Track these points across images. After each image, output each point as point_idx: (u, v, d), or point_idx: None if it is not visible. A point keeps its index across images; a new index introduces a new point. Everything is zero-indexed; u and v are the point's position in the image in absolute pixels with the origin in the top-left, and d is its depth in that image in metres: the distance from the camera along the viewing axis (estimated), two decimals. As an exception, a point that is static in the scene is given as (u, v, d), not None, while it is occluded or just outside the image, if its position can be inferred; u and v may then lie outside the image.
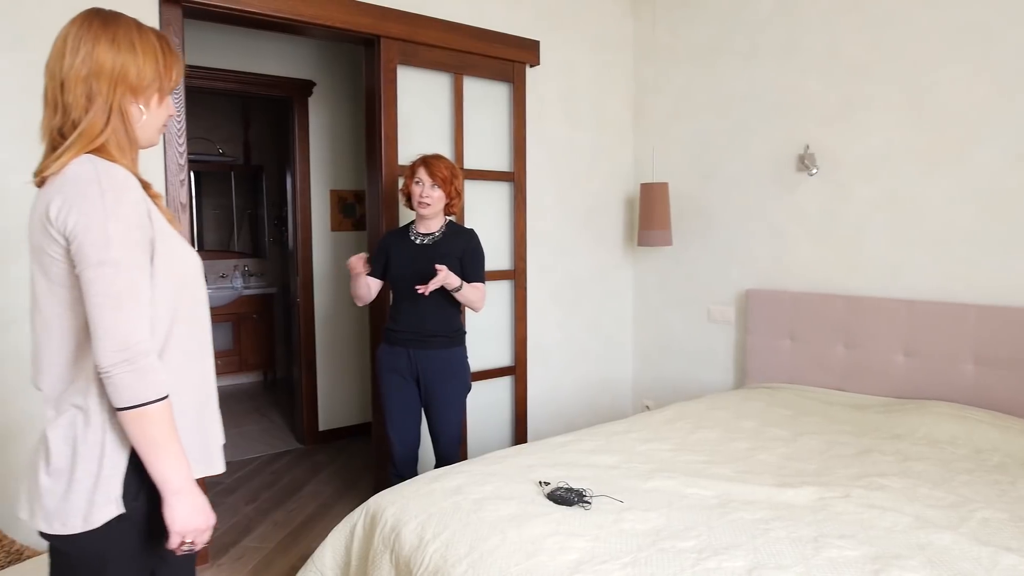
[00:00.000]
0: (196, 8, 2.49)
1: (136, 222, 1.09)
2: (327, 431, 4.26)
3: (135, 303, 1.07)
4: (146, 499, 1.15)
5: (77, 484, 1.09)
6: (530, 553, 1.54)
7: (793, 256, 3.16)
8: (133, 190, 1.11)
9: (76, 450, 1.09)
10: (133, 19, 1.19)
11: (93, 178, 1.07)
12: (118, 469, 1.11)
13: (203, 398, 1.25)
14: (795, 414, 2.66)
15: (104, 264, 1.04)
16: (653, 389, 3.88)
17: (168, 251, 1.17)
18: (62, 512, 1.09)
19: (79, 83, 1.11)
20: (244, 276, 5.85)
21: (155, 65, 1.18)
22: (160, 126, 1.25)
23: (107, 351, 1.04)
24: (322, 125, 4.19)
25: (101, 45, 1.13)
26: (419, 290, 2.31)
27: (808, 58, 3.05)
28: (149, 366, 1.07)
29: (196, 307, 1.24)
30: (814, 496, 1.85)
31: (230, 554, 2.76)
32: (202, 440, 1.25)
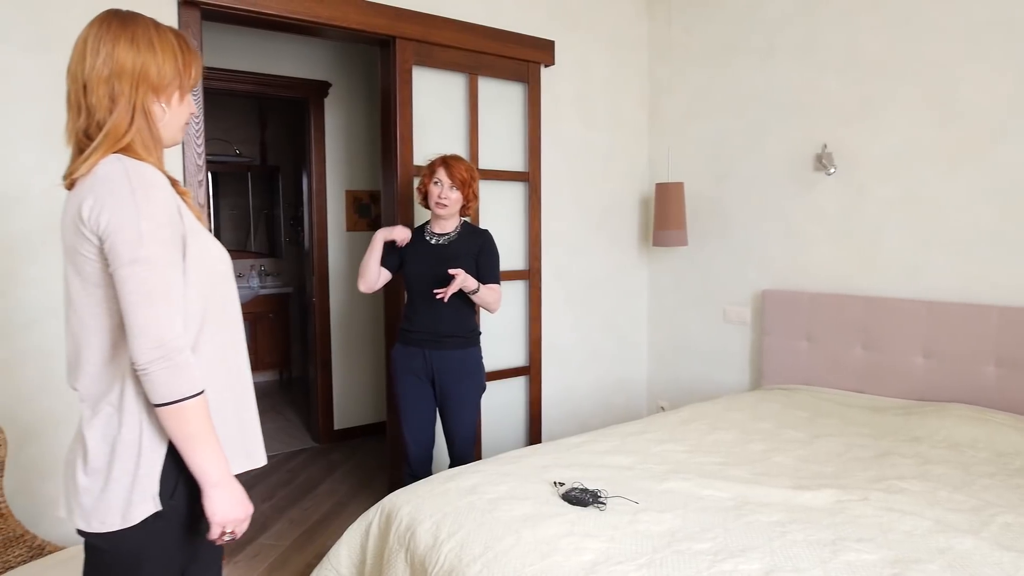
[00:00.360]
0: (214, 10, 2.51)
1: (167, 219, 1.10)
2: (342, 430, 4.29)
3: (168, 300, 1.08)
4: (182, 496, 1.16)
5: (115, 483, 1.10)
6: (545, 553, 1.54)
7: (810, 256, 3.13)
8: (162, 187, 1.12)
9: (114, 449, 1.11)
10: (150, 18, 1.20)
11: (123, 177, 1.08)
12: (155, 467, 1.12)
13: (240, 392, 1.26)
14: (812, 416, 2.64)
15: (137, 262, 1.05)
16: (668, 390, 3.86)
17: (199, 247, 1.18)
18: (100, 510, 1.10)
19: (101, 84, 1.12)
20: (260, 276, 5.90)
21: (174, 63, 1.19)
22: (182, 124, 1.26)
23: (143, 348, 1.05)
24: (338, 126, 4.22)
25: (121, 45, 1.14)
26: (438, 295, 2.31)
27: (826, 56, 3.02)
28: (184, 362, 1.08)
29: (227, 303, 1.25)
30: (832, 499, 1.83)
31: (247, 551, 2.79)
32: (241, 434, 1.26)
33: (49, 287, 2.25)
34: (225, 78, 3.82)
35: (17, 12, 2.18)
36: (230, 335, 1.25)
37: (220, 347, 1.22)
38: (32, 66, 2.21)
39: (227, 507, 1.14)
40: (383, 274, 2.50)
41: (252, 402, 1.31)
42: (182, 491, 1.15)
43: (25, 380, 2.23)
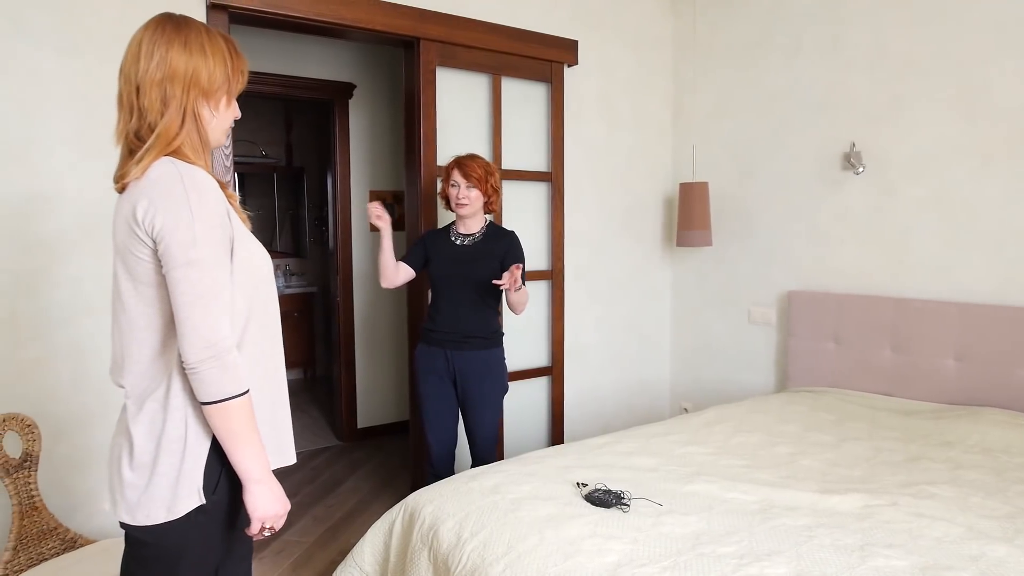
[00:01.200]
0: (242, 13, 2.55)
1: (218, 222, 1.13)
2: (365, 428, 4.32)
3: (219, 301, 1.11)
4: (224, 491, 1.19)
5: (160, 477, 1.12)
6: (568, 554, 1.54)
7: (838, 257, 3.08)
8: (214, 191, 1.15)
9: (159, 444, 1.13)
10: (203, 24, 1.23)
11: (177, 179, 1.10)
12: (199, 462, 1.15)
13: (275, 391, 1.29)
14: (839, 419, 2.60)
15: (191, 264, 1.08)
16: (691, 391, 3.83)
17: (245, 250, 1.20)
18: (145, 504, 1.13)
19: (154, 87, 1.14)
20: (286, 275, 5.97)
21: (224, 68, 1.21)
22: (226, 128, 1.28)
23: (194, 348, 1.08)
24: (362, 127, 4.25)
25: (174, 49, 1.16)
26: (502, 285, 2.24)
27: (854, 54, 2.97)
28: (233, 362, 1.11)
29: (269, 304, 1.27)
30: (860, 503, 1.80)
31: (271, 547, 2.82)
32: (276, 432, 1.28)
33: (82, 286, 2.30)
34: (252, 80, 3.82)
35: (50, 17, 2.23)
36: (270, 335, 1.27)
37: (260, 346, 1.24)
38: (65, 69, 2.26)
39: (268, 503, 1.17)
40: (403, 269, 2.50)
41: (286, 400, 1.33)
42: (224, 486, 1.18)
43: (59, 377, 2.29)
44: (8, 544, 1.92)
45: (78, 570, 1.88)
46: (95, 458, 2.34)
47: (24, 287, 2.23)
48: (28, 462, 2.00)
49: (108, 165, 2.28)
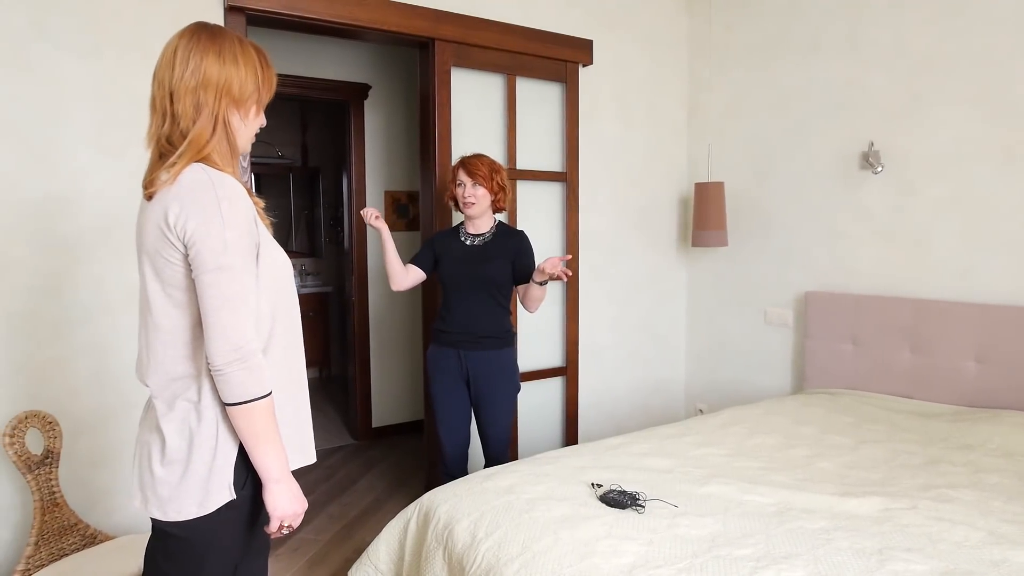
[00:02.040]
0: (259, 15, 2.57)
1: (247, 229, 1.16)
2: (380, 427, 4.34)
3: (246, 305, 1.14)
4: (250, 488, 1.22)
5: (192, 473, 1.15)
6: (583, 555, 1.54)
7: (856, 257, 3.05)
8: (244, 198, 1.18)
9: (192, 442, 1.16)
10: (236, 34, 1.26)
11: (209, 186, 1.13)
12: (230, 459, 1.18)
13: (297, 392, 1.31)
14: (857, 421, 2.57)
15: (221, 269, 1.11)
16: (707, 392, 3.81)
17: (270, 256, 1.24)
18: (176, 500, 1.15)
19: (188, 94, 1.17)
20: (301, 275, 6.01)
21: (255, 78, 1.25)
22: (252, 136, 1.31)
23: (222, 351, 1.11)
24: (377, 127, 4.27)
25: (209, 58, 1.19)
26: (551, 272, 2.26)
27: (873, 52, 2.94)
28: (258, 365, 1.14)
29: (291, 308, 1.30)
30: (879, 506, 1.78)
31: (288, 545, 2.84)
32: (298, 432, 1.31)
33: (102, 286, 2.33)
34: (268, 81, 3.89)
35: (72, 20, 2.26)
36: (293, 337, 1.30)
37: (285, 349, 1.28)
38: (86, 71, 2.29)
39: (287, 502, 1.20)
40: (412, 271, 2.51)
41: (307, 401, 1.35)
42: (251, 482, 1.22)
43: (79, 375, 2.32)
44: (30, 539, 1.95)
45: (98, 566, 1.90)
46: (114, 455, 2.37)
47: (46, 286, 2.27)
48: (49, 459, 2.03)
49: (128, 166, 2.32)
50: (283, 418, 1.24)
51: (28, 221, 2.23)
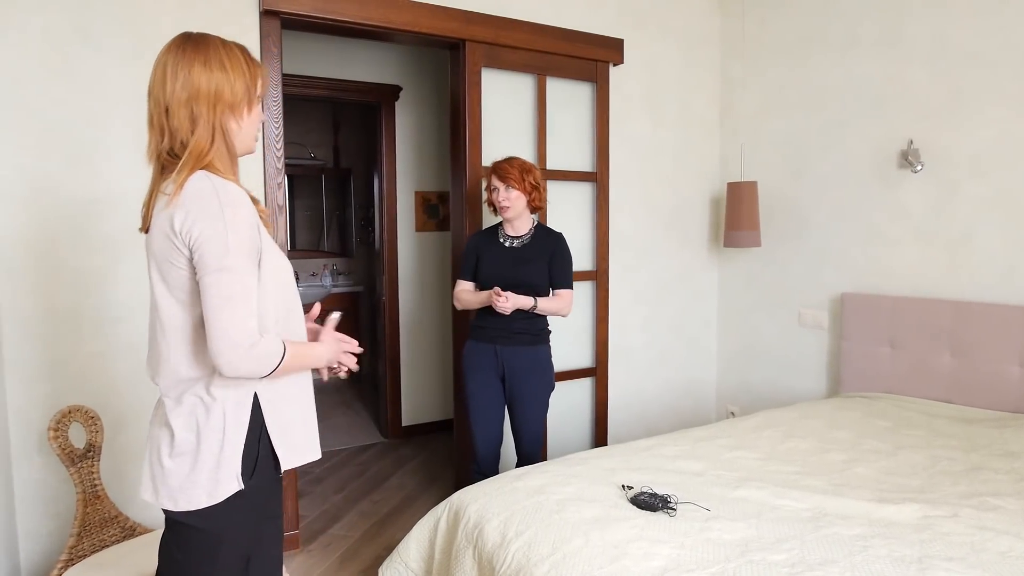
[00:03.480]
0: (293, 19, 2.61)
1: (248, 233, 1.20)
2: (410, 426, 4.37)
3: (246, 304, 1.18)
4: (259, 477, 1.25)
5: (201, 464, 1.20)
6: (614, 557, 1.53)
7: (894, 258, 2.98)
8: (246, 205, 1.22)
9: (200, 434, 1.21)
10: (219, 38, 1.28)
11: (212, 194, 1.17)
12: (237, 449, 1.22)
13: (303, 388, 1.37)
14: (895, 426, 2.51)
15: (223, 270, 1.16)
16: (738, 395, 3.76)
17: (271, 260, 1.28)
18: (187, 490, 1.20)
19: (182, 107, 1.21)
20: (333, 275, 6.08)
21: (244, 79, 1.27)
22: (255, 133, 1.35)
23: (222, 350, 1.15)
24: (408, 128, 4.30)
25: (196, 69, 1.22)
26: (497, 304, 2.33)
27: (912, 47, 2.87)
28: (262, 347, 1.19)
29: (292, 308, 1.35)
30: (918, 514, 1.74)
31: (319, 541, 2.88)
32: (305, 428, 1.36)
33: (139, 285, 2.38)
34: (302, 84, 3.95)
35: (112, 25, 2.33)
36: (295, 328, 1.36)
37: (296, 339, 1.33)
38: (125, 75, 2.35)
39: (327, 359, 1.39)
40: (469, 289, 2.58)
41: (311, 400, 1.41)
42: (260, 471, 1.25)
43: (118, 371, 2.38)
44: (73, 530, 2.01)
45: (137, 557, 1.95)
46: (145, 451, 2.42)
47: (88, 285, 2.33)
48: (91, 452, 2.08)
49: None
50: (291, 414, 1.31)
51: (71, 221, 2.30)
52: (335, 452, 4.08)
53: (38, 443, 2.29)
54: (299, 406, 1.34)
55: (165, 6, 2.42)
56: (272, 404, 1.28)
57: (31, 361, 2.28)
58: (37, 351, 2.29)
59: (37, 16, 2.24)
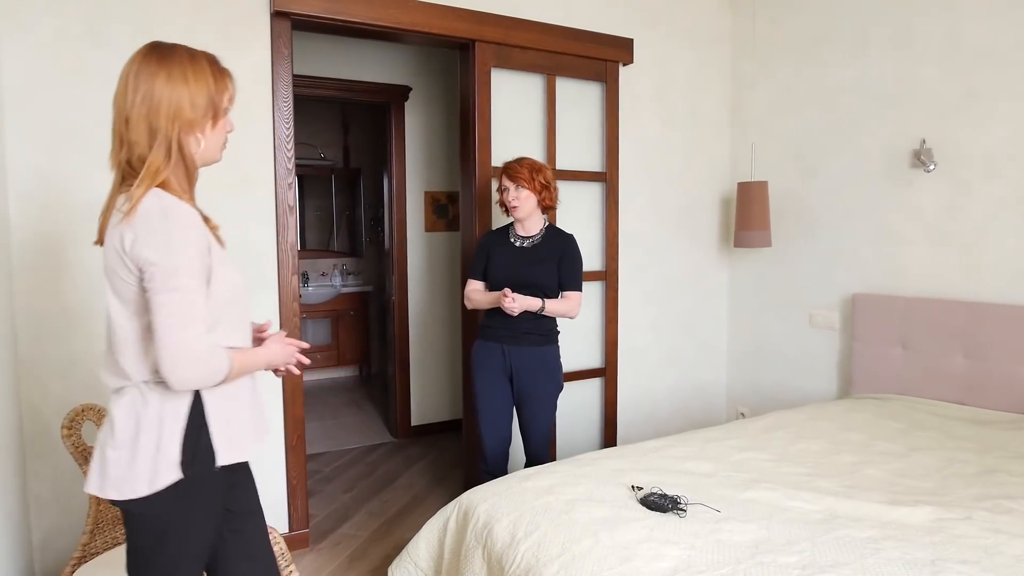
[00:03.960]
0: (303, 20, 2.62)
1: (197, 255, 1.23)
2: (419, 426, 4.38)
3: (195, 321, 1.21)
4: (200, 466, 1.28)
5: (141, 453, 1.24)
6: (624, 558, 1.52)
7: (906, 259, 2.95)
8: (195, 227, 1.24)
9: (139, 424, 1.25)
10: (186, 49, 1.29)
11: (160, 216, 1.19)
12: (175, 439, 1.25)
13: (245, 386, 1.41)
14: (907, 427, 2.49)
15: (172, 291, 1.19)
16: (749, 396, 3.74)
17: (222, 277, 1.31)
18: (128, 479, 1.23)
19: (141, 120, 1.22)
20: (342, 274, 6.11)
21: (207, 92, 1.28)
22: (220, 144, 1.36)
23: (168, 367, 1.19)
24: (417, 128, 4.31)
25: (158, 82, 1.23)
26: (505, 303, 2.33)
27: (925, 45, 2.85)
28: (212, 357, 1.23)
29: (242, 313, 1.40)
30: (931, 516, 1.73)
31: (329, 540, 2.89)
32: (255, 417, 1.42)
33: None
34: (312, 85, 3.97)
35: (126, 27, 2.35)
36: (242, 338, 1.40)
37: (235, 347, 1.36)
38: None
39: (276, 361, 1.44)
40: (479, 288, 2.58)
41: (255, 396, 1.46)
42: (199, 461, 1.28)
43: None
44: (86, 527, 2.02)
45: (149, 555, 1.96)
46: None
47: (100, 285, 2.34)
48: (104, 451, 2.10)
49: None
50: (241, 404, 1.38)
51: (86, 223, 2.31)
52: (345, 451, 4.09)
53: (52, 441, 2.32)
54: (239, 403, 1.38)
55: (178, 8, 2.44)
56: (212, 396, 1.30)
57: (45, 360, 2.30)
58: (51, 350, 2.31)
59: (52, 18, 2.26)
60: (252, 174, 2.61)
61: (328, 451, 4.10)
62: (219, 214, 2.59)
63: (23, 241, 2.25)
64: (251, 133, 2.59)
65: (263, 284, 2.66)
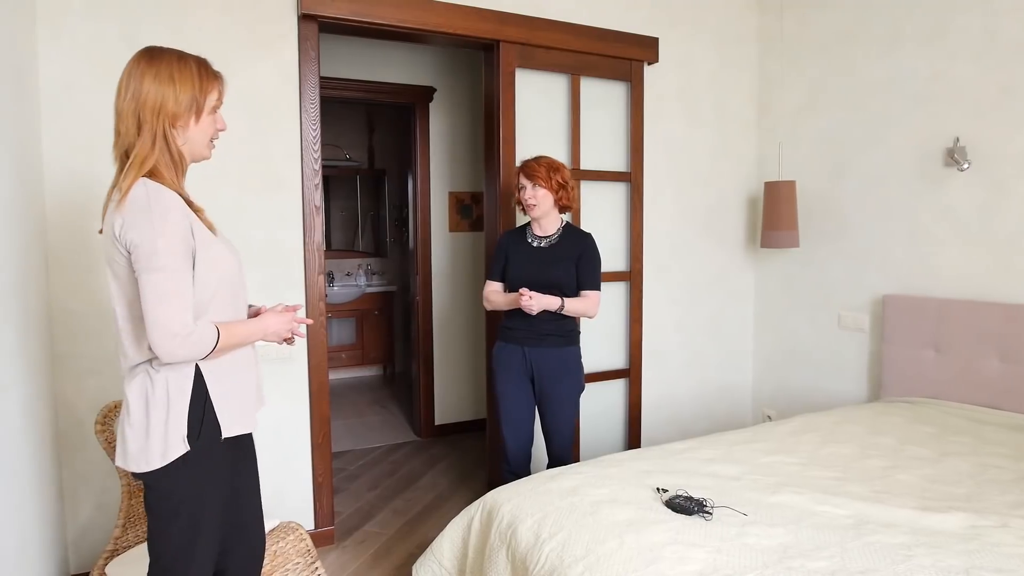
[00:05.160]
0: (330, 23, 2.65)
1: (179, 236, 1.34)
2: (443, 425, 4.40)
3: (179, 299, 1.32)
4: (206, 440, 1.40)
5: (152, 430, 1.36)
6: (649, 560, 1.51)
7: (939, 260, 2.89)
8: (177, 209, 1.35)
9: (148, 404, 1.37)
10: (176, 52, 1.42)
11: (145, 203, 1.32)
12: (182, 416, 1.38)
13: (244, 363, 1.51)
14: (940, 432, 2.44)
15: (154, 270, 1.30)
16: (775, 398, 3.69)
17: (208, 253, 1.41)
18: (145, 453, 1.36)
19: (130, 115, 1.37)
20: (367, 274, 6.16)
21: (191, 91, 1.41)
22: (207, 142, 1.48)
23: (156, 340, 1.30)
24: (441, 129, 4.33)
25: (146, 81, 1.37)
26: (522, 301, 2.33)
27: (960, 41, 2.79)
28: (195, 335, 1.33)
29: (236, 290, 1.51)
30: (965, 523, 1.69)
31: (354, 537, 2.92)
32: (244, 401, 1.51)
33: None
34: (338, 87, 4.01)
35: (158, 31, 2.39)
36: (236, 314, 1.51)
37: None
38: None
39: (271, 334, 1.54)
40: (497, 289, 2.59)
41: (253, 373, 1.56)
42: (205, 435, 1.41)
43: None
44: (118, 521, 2.06)
45: (179, 550, 1.99)
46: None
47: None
48: (136, 447, 2.14)
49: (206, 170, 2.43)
50: (243, 380, 1.50)
51: (118, 222, 2.37)
52: (369, 450, 4.12)
53: (85, 436, 2.37)
54: (240, 380, 1.49)
55: (207, 12, 2.48)
56: (214, 375, 1.42)
57: (80, 356, 2.36)
58: (86, 346, 2.36)
59: (88, 24, 2.32)
60: (280, 175, 2.64)
61: (352, 449, 4.13)
62: (248, 215, 2.64)
63: (59, 240, 2.31)
64: (279, 135, 2.62)
65: (291, 284, 2.69)
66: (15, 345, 1.90)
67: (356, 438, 4.35)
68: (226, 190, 2.55)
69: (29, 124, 2.15)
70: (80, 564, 2.41)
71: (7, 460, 1.77)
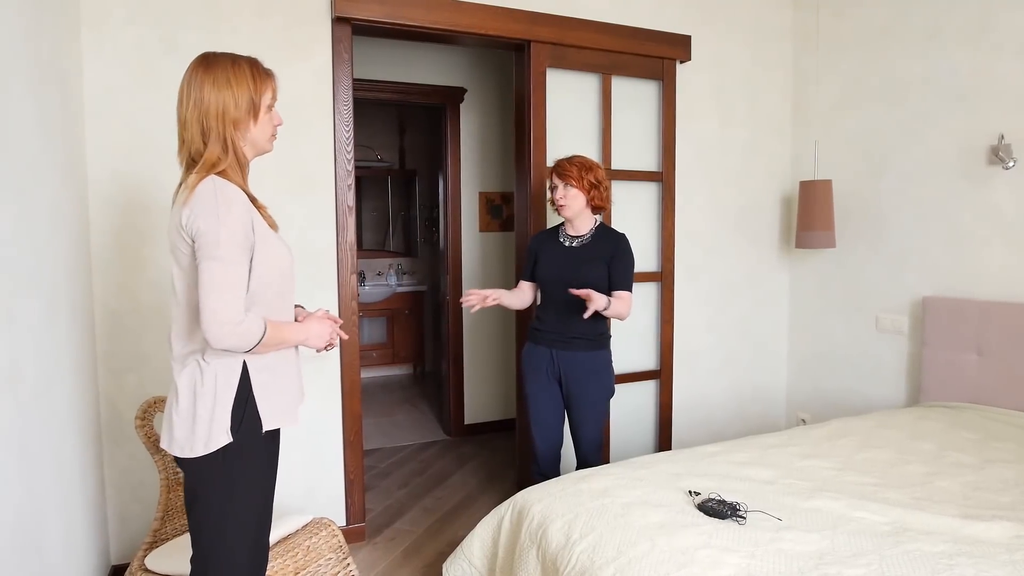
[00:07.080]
0: (363, 25, 2.68)
1: (241, 229, 1.40)
2: (472, 424, 4.42)
3: (234, 290, 1.38)
4: (246, 432, 1.45)
5: (199, 419, 1.42)
6: (681, 564, 1.50)
7: (982, 261, 2.81)
8: (239, 204, 1.41)
9: (196, 394, 1.43)
10: (230, 56, 1.47)
11: (211, 195, 1.38)
12: (226, 408, 1.43)
13: (289, 362, 1.57)
14: (983, 438, 2.37)
15: (214, 259, 1.36)
16: (810, 402, 3.63)
17: (266, 252, 1.47)
18: (190, 440, 1.42)
19: (195, 123, 1.43)
20: (398, 274, 6.21)
21: (248, 92, 1.46)
22: (269, 136, 1.55)
23: (211, 327, 1.35)
24: (472, 130, 4.34)
25: (205, 88, 1.43)
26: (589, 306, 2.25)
27: (1004, 35, 2.70)
28: (244, 326, 1.38)
29: (285, 293, 1.56)
30: (1010, 532, 1.64)
31: (384, 534, 2.95)
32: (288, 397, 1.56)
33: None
34: (370, 88, 4.05)
35: (195, 35, 2.44)
36: (280, 314, 1.55)
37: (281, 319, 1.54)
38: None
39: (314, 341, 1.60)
40: (527, 289, 2.59)
41: (297, 372, 1.62)
42: (246, 427, 1.46)
43: (200, 365, 2.49)
44: (157, 514, 2.12)
45: (216, 544, 2.03)
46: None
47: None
48: (175, 442, 2.19)
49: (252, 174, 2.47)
50: (287, 375, 1.55)
51: (159, 222, 2.43)
52: (399, 448, 4.16)
53: (126, 431, 2.43)
54: (282, 377, 1.54)
55: (243, 16, 2.52)
56: (259, 372, 1.47)
57: (120, 353, 2.42)
58: (126, 344, 2.43)
59: (128, 30, 2.38)
60: (313, 176, 2.68)
61: (383, 447, 4.17)
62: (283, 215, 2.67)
63: (101, 240, 2.37)
64: (313, 136, 2.66)
65: (323, 283, 2.73)
66: (64, 344, 1.96)
67: (386, 436, 4.39)
68: (261, 190, 2.55)
69: (74, 128, 2.22)
70: (121, 555, 2.47)
71: (55, 455, 1.83)
